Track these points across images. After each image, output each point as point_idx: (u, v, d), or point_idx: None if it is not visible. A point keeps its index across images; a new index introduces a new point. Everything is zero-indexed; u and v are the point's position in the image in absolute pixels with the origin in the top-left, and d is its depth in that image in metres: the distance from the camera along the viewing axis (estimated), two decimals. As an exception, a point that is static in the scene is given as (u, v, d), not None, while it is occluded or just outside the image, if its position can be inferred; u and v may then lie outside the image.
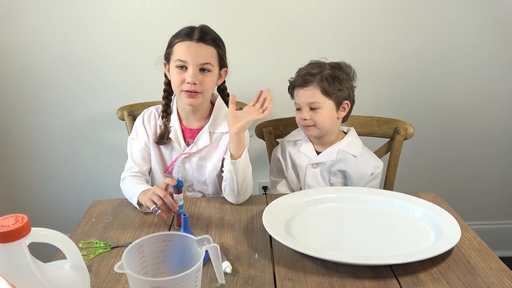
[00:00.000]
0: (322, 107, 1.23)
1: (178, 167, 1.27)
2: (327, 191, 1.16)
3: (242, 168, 1.13)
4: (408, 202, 1.09)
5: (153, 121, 1.29)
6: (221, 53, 1.21)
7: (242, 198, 1.16)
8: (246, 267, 0.88)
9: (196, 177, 1.28)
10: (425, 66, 1.76)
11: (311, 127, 1.26)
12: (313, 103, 1.23)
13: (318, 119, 1.24)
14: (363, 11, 1.67)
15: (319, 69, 1.25)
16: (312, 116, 1.24)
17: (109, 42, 1.68)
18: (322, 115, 1.24)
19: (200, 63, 1.15)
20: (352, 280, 0.83)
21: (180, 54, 1.16)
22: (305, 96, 1.24)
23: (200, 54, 1.15)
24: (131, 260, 0.68)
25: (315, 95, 1.23)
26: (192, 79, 1.14)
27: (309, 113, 1.25)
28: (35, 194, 1.90)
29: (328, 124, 1.26)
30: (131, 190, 1.15)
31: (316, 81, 1.23)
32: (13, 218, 0.58)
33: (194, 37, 1.15)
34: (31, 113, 1.77)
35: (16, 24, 1.64)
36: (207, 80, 1.17)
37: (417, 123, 1.47)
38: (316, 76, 1.23)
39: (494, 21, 1.69)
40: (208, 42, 1.16)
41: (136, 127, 1.30)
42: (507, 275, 0.84)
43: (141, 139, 1.28)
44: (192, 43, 1.15)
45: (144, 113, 1.31)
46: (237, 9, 1.65)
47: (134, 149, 1.28)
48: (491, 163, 1.91)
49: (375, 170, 1.29)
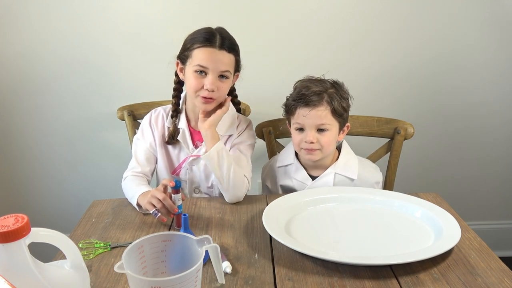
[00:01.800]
0: (330, 129, 1.15)
1: (185, 169, 1.27)
2: (327, 191, 1.16)
3: (217, 163, 1.13)
4: (408, 202, 1.09)
5: (161, 122, 1.28)
6: (239, 59, 1.20)
7: (232, 196, 1.15)
8: (246, 267, 0.88)
9: (203, 179, 1.28)
10: (425, 66, 1.76)
11: (316, 151, 1.16)
12: (322, 125, 1.14)
13: (324, 141, 1.15)
14: (362, 12, 1.67)
15: (322, 87, 1.15)
16: (318, 138, 1.15)
17: (109, 42, 1.68)
18: (329, 137, 1.15)
19: (221, 70, 1.14)
20: (352, 280, 0.83)
21: (201, 60, 1.13)
22: (314, 117, 1.13)
23: (222, 61, 1.14)
24: (131, 260, 0.68)
25: (326, 116, 1.13)
26: (211, 87, 1.13)
27: (315, 135, 1.15)
28: (35, 194, 1.90)
29: (332, 147, 1.19)
30: (131, 191, 1.15)
31: (325, 101, 1.13)
32: (13, 218, 0.58)
33: (216, 44, 1.13)
34: (31, 113, 1.77)
35: (16, 24, 1.64)
36: (224, 87, 1.17)
37: (417, 123, 1.47)
38: (323, 95, 1.14)
39: (494, 22, 1.69)
40: (229, 49, 1.14)
41: (142, 127, 1.30)
42: (507, 275, 0.84)
43: (147, 139, 1.27)
44: (214, 50, 1.13)
45: (152, 113, 1.30)
46: (237, 9, 1.65)
47: (139, 149, 1.27)
48: (491, 163, 1.91)
49: (376, 186, 1.24)
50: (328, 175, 1.22)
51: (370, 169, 1.28)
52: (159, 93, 1.55)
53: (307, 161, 1.23)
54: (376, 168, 1.31)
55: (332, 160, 1.25)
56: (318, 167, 1.24)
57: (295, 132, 1.20)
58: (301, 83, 1.20)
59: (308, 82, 1.18)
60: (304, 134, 1.17)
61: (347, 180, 1.22)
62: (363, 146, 1.33)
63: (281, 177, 1.29)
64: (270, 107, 1.53)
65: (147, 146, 1.27)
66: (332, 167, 1.22)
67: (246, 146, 1.26)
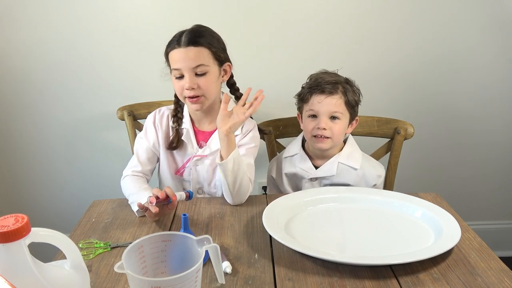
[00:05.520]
0: (342, 119, 1.20)
1: (189, 169, 1.27)
2: (327, 191, 1.16)
3: (231, 170, 1.09)
4: (408, 202, 1.09)
5: (166, 121, 1.28)
6: (215, 50, 1.16)
7: (237, 200, 1.15)
8: (246, 267, 0.88)
9: (207, 179, 1.28)
10: (425, 67, 1.76)
11: (327, 140, 1.20)
12: (336, 112, 1.19)
13: (336, 130, 1.19)
14: (363, 12, 1.67)
15: (338, 78, 1.21)
16: (330, 126, 1.19)
17: (109, 42, 1.68)
18: (340, 126, 1.20)
19: (192, 67, 1.13)
20: (352, 280, 0.83)
21: (174, 63, 1.15)
22: (329, 104, 1.18)
23: (190, 57, 1.12)
24: (131, 260, 0.68)
25: (340, 104, 1.19)
26: (189, 85, 1.13)
27: (327, 122, 1.19)
28: (35, 194, 1.90)
29: (341, 138, 1.23)
30: (134, 195, 1.13)
31: (340, 91, 1.19)
32: (13, 218, 0.58)
33: (182, 43, 1.13)
34: (31, 113, 1.77)
35: (16, 25, 1.64)
36: (205, 82, 1.15)
37: (417, 123, 1.47)
38: (338, 85, 1.19)
39: (495, 23, 1.69)
40: (196, 43, 1.13)
41: (146, 126, 1.29)
42: (507, 275, 0.84)
43: (150, 139, 1.27)
44: (180, 49, 1.13)
45: (156, 113, 1.30)
46: (237, 9, 1.65)
47: (141, 148, 1.27)
48: (491, 163, 1.91)
49: (377, 180, 1.26)
50: (331, 163, 1.24)
51: (373, 163, 1.31)
52: (159, 93, 1.55)
53: (316, 150, 1.26)
54: (380, 165, 1.32)
55: (338, 151, 1.28)
56: (324, 158, 1.26)
57: (307, 120, 1.23)
58: (317, 74, 1.25)
59: (324, 73, 1.24)
60: (317, 121, 1.20)
61: (350, 170, 1.24)
62: (363, 146, 1.33)
63: (286, 166, 1.31)
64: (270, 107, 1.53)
65: (149, 145, 1.27)
66: (336, 157, 1.25)
67: (251, 149, 1.25)
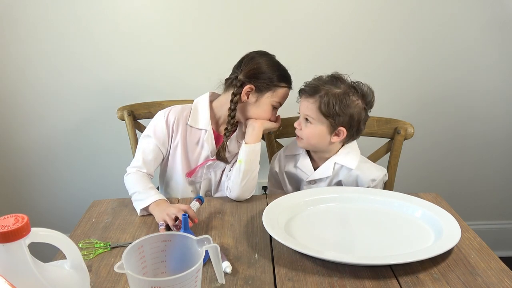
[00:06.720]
0: (314, 124, 1.19)
1: (202, 172, 1.26)
2: (327, 191, 1.16)
3: (251, 158, 1.16)
4: (408, 202, 1.09)
5: (183, 121, 1.25)
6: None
7: (242, 193, 1.16)
8: (246, 267, 0.88)
9: (216, 184, 1.29)
10: (426, 67, 1.76)
11: (299, 138, 1.24)
12: (307, 115, 1.19)
13: (305, 133, 1.20)
14: (363, 12, 1.67)
15: (330, 85, 1.17)
16: (302, 128, 1.21)
17: (109, 42, 1.68)
18: (311, 131, 1.19)
19: None
20: (352, 280, 0.83)
21: (283, 99, 1.26)
22: (303, 107, 1.21)
23: None
24: (131, 260, 0.68)
25: (312, 109, 1.17)
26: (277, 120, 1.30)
27: (302, 123, 1.22)
28: (35, 194, 1.90)
29: (314, 142, 1.21)
30: (140, 194, 1.12)
31: (318, 96, 1.16)
32: (13, 218, 0.58)
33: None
34: (31, 113, 1.77)
35: (16, 24, 1.64)
36: None
37: (417, 123, 1.47)
38: (321, 91, 1.16)
39: (495, 23, 1.69)
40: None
41: (155, 125, 1.24)
42: (507, 275, 0.84)
43: (160, 138, 1.23)
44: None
45: (169, 113, 1.25)
46: (237, 9, 1.65)
47: (148, 147, 1.23)
48: (491, 163, 1.91)
49: (370, 184, 1.23)
50: (327, 164, 1.25)
51: (371, 167, 1.26)
52: (159, 93, 1.55)
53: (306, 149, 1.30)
54: (378, 168, 1.27)
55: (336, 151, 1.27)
56: (320, 159, 1.27)
57: None
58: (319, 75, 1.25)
59: (326, 76, 1.22)
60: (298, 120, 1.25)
61: (345, 170, 1.24)
62: (363, 146, 1.33)
63: (287, 164, 1.32)
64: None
65: (158, 144, 1.23)
66: (332, 158, 1.26)
67: None
